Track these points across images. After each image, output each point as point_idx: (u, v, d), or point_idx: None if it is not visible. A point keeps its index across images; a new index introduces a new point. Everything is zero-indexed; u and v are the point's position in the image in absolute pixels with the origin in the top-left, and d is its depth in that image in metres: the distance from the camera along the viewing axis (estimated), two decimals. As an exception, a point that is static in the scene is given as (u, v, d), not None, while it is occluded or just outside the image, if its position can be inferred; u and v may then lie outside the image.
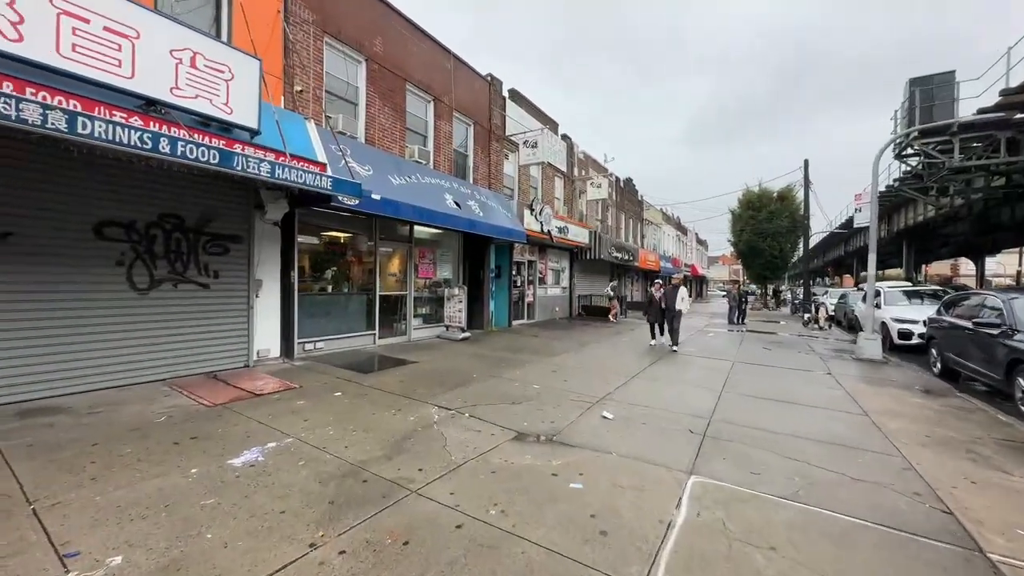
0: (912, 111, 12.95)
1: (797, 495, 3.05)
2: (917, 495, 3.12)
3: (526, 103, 14.36)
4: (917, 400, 5.83)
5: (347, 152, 7.26)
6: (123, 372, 5.26)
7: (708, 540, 2.48)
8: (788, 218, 25.26)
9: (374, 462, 3.39)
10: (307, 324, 7.55)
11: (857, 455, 3.83)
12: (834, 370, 7.72)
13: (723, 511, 2.80)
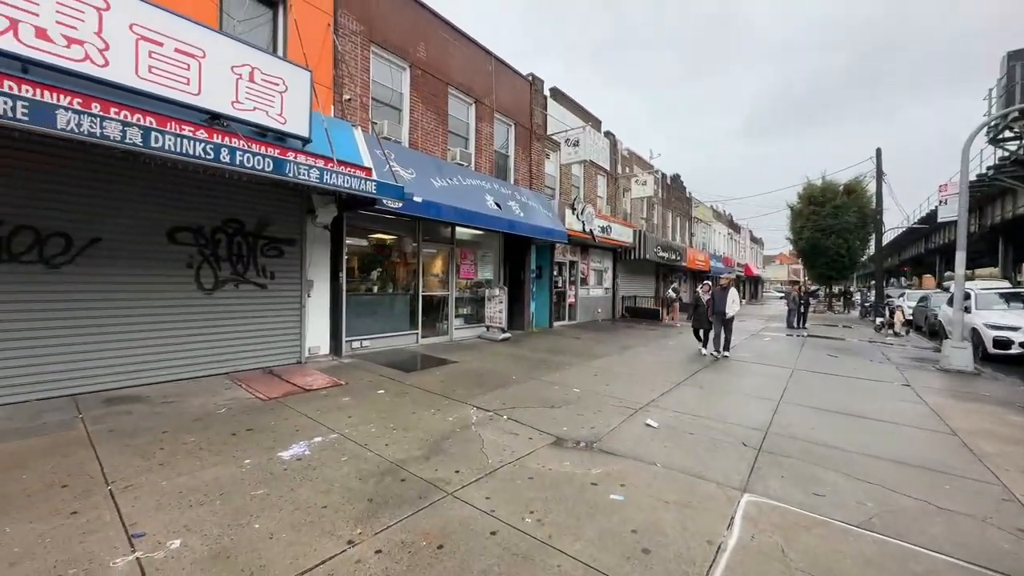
0: (1011, 88, 11.40)
1: (871, 523, 2.72)
2: (1022, 532, 2.68)
3: (568, 101, 14.16)
4: (1021, 419, 5.07)
5: (391, 156, 7.47)
6: (192, 365, 5.72)
7: (764, 568, 2.26)
8: (857, 213, 23.12)
9: (412, 461, 3.42)
10: (354, 323, 7.85)
11: (944, 480, 3.37)
12: (914, 382, 6.92)
13: (781, 536, 2.54)
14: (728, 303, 8.62)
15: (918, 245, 34.66)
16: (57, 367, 4.74)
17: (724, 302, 8.60)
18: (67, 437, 3.66)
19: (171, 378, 5.51)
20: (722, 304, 8.61)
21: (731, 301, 8.66)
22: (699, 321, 9.27)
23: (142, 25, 4.43)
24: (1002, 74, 12.07)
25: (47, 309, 4.71)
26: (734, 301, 8.69)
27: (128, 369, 5.22)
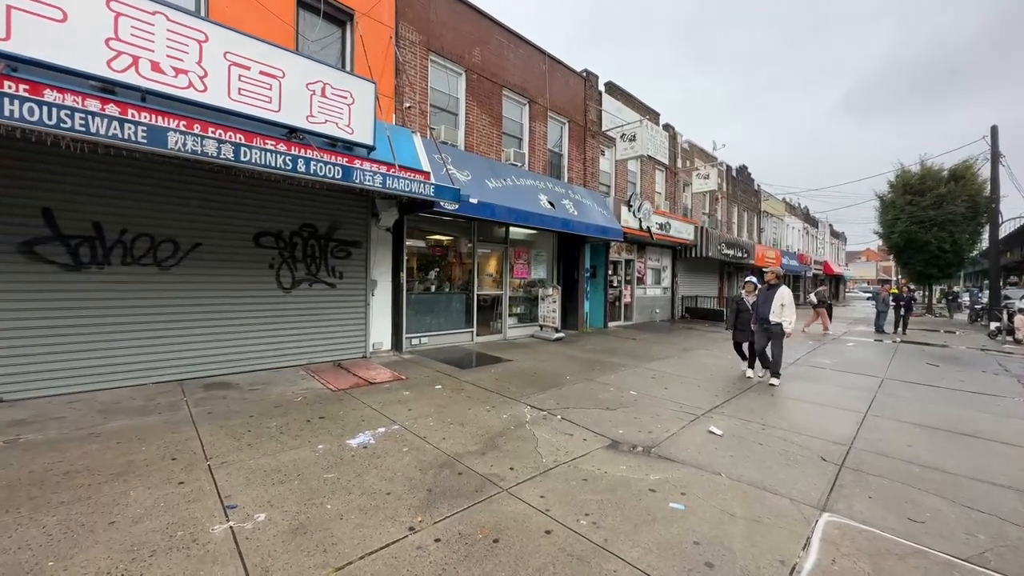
0: None
1: (984, 559, 2.37)
2: None
3: (623, 95, 13.75)
4: None
5: (448, 160, 7.72)
6: (273, 357, 6.31)
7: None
8: (966, 202, 20.11)
9: (468, 456, 3.52)
10: (413, 321, 8.22)
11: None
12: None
13: (869, 564, 2.29)
14: (776, 307, 6.35)
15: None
16: (167, 355, 5.46)
17: (769, 306, 6.39)
18: (176, 417, 4.20)
19: (256, 368, 6.12)
20: (766, 309, 6.40)
21: (780, 305, 6.34)
22: (741, 332, 7.05)
23: (234, 52, 4.96)
24: None
25: (160, 305, 5.43)
26: (785, 305, 6.32)
27: (222, 359, 5.87)
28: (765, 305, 6.46)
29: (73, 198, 4.86)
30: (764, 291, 6.59)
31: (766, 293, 6.52)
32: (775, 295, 6.38)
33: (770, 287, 6.54)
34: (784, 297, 6.33)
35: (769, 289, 6.52)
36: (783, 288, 6.42)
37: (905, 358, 8.94)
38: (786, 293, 6.36)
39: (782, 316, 6.29)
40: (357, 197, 6.93)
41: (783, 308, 6.30)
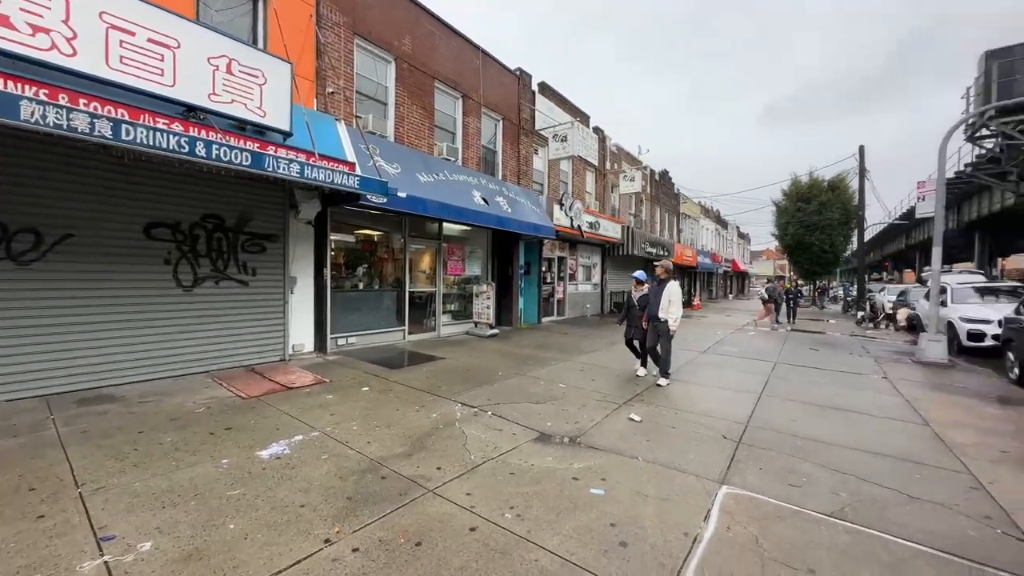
0: (988, 87, 11.66)
1: (844, 513, 2.78)
2: (988, 519, 2.76)
3: (556, 96, 14.11)
4: (991, 410, 5.23)
5: (376, 151, 7.37)
6: (171, 364, 5.59)
7: (739, 558, 2.30)
8: (840, 209, 23.53)
9: (394, 459, 3.40)
10: (339, 320, 7.77)
11: (916, 470, 3.46)
12: (891, 374, 7.09)
13: (757, 527, 2.59)
14: (664, 304, 5.98)
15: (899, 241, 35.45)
16: (27, 367, 4.60)
17: (659, 302, 6.03)
18: (38, 439, 3.56)
19: (149, 377, 5.39)
20: (656, 306, 6.05)
21: (668, 301, 5.98)
22: (631, 329, 6.76)
23: (112, 14, 4.27)
24: (980, 73, 12.34)
25: (16, 308, 4.56)
26: (672, 302, 5.97)
27: (102, 368, 5.08)
28: (655, 301, 6.11)
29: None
30: (655, 287, 6.22)
31: (656, 289, 6.16)
32: (664, 291, 6.03)
33: (660, 283, 6.15)
34: (672, 293, 6.00)
35: (659, 285, 6.14)
36: (672, 284, 6.10)
37: (794, 344, 10.25)
38: (674, 289, 6.06)
39: (668, 312, 5.96)
40: (272, 187, 6.37)
41: (670, 304, 5.97)
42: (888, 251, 40.57)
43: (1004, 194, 17.39)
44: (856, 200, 21.75)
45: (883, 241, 39.52)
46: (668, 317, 5.96)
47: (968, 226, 21.37)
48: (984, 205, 19.48)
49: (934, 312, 8.84)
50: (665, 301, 6.00)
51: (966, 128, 12.86)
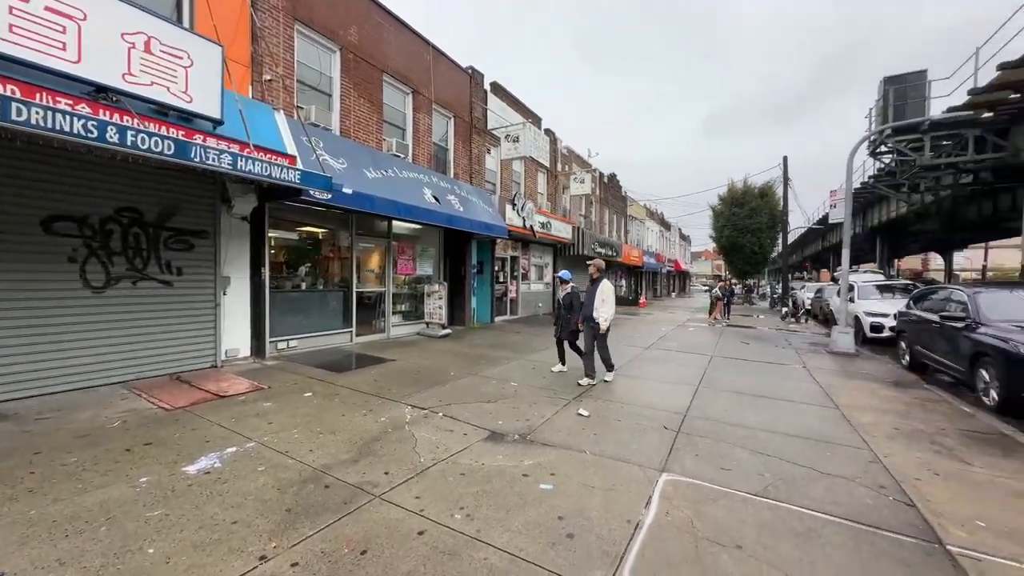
0: (886, 109, 13.22)
1: (767, 491, 3.05)
2: (882, 488, 3.14)
3: (508, 97, 14.20)
4: (887, 393, 5.96)
5: (320, 144, 7.03)
6: (77, 375, 4.98)
7: (676, 540, 2.44)
8: (768, 214, 25.69)
9: (339, 466, 3.26)
10: (280, 322, 7.32)
11: (827, 449, 3.86)
12: (809, 364, 7.86)
13: (692, 510, 2.77)
14: (597, 303, 5.84)
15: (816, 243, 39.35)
16: None
17: (592, 302, 5.90)
18: (-100, 467, 3.03)
19: (52, 390, 4.77)
20: (590, 305, 5.92)
21: (601, 300, 5.83)
22: (556, 327, 6.67)
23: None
24: (879, 95, 13.97)
25: None
26: (605, 301, 5.82)
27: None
28: (588, 301, 5.95)
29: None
30: (589, 286, 6.05)
31: (589, 288, 6.00)
32: (596, 290, 5.87)
33: (593, 282, 5.98)
34: (604, 292, 5.83)
35: (592, 284, 5.98)
36: (604, 283, 5.92)
37: (728, 338, 11.06)
38: (607, 288, 5.87)
39: (599, 312, 5.81)
40: (201, 179, 5.87)
41: (603, 304, 5.82)
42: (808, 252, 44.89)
43: (899, 203, 19.86)
44: (781, 206, 23.85)
45: (803, 243, 43.65)
46: (599, 317, 5.82)
47: (871, 231, 24.17)
48: (884, 212, 22.13)
49: (843, 307, 9.91)
50: (598, 300, 5.84)
51: (869, 144, 14.52)
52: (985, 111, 11.60)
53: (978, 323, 5.78)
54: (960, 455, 3.79)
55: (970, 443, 4.08)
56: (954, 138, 12.81)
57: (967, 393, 5.89)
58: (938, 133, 12.76)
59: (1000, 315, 5.73)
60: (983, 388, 5.47)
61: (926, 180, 15.30)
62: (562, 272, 6.81)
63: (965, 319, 6.03)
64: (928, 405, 5.36)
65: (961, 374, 6.00)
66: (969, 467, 3.55)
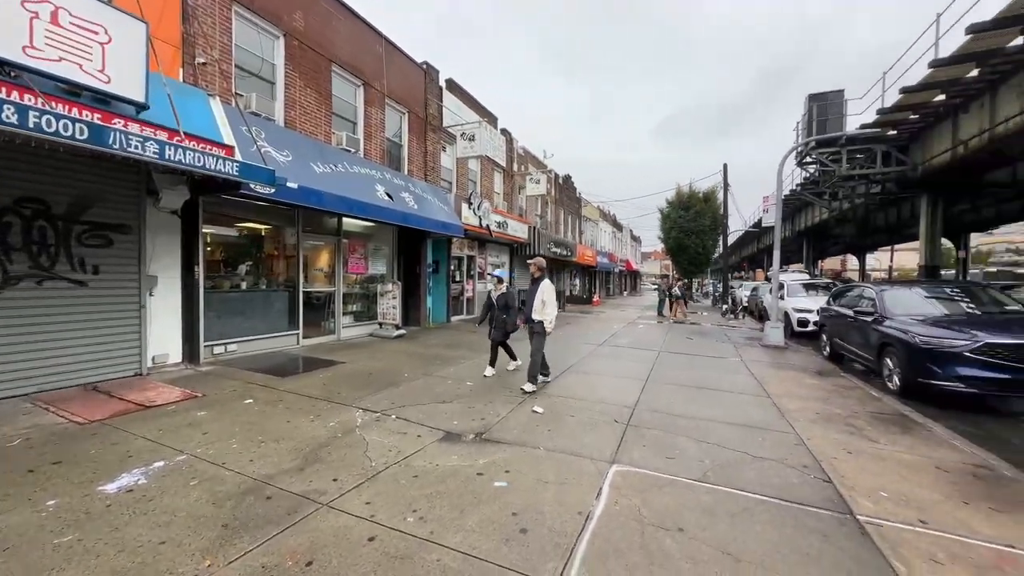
0: (811, 123, 14.53)
1: (707, 476, 3.25)
2: (806, 467, 3.46)
3: (464, 95, 14.09)
4: (811, 382, 6.55)
5: (262, 135, 6.61)
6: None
7: (623, 528, 2.55)
8: (710, 217, 27.39)
9: (283, 475, 3.09)
10: (217, 325, 6.81)
11: (759, 435, 4.18)
12: (745, 356, 8.47)
13: (640, 498, 2.90)
14: (537, 304, 5.50)
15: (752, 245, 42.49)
16: None
17: (533, 303, 5.56)
18: None
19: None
20: (530, 307, 5.58)
21: (541, 301, 5.49)
22: (496, 330, 6.36)
23: None
24: (805, 110, 15.35)
25: None
26: (546, 302, 5.49)
27: None
28: (530, 303, 5.61)
29: None
30: (530, 286, 5.76)
31: (530, 289, 5.70)
32: (537, 291, 5.54)
33: (534, 282, 5.67)
34: (546, 292, 5.51)
35: (533, 284, 5.66)
36: (545, 283, 5.58)
37: (674, 335, 11.67)
38: (548, 288, 5.55)
39: (543, 313, 5.49)
40: (121, 168, 5.33)
41: (544, 305, 5.49)
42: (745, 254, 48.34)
43: (821, 210, 21.87)
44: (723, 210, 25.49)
45: (741, 245, 46.97)
46: (543, 318, 5.49)
47: (799, 234, 26.46)
48: (809, 218, 24.29)
49: (775, 304, 10.78)
50: (539, 302, 5.49)
51: (796, 155, 15.90)
52: (890, 129, 13.07)
53: (884, 317, 6.51)
54: (868, 435, 4.25)
55: (877, 424, 4.59)
56: (866, 152, 14.33)
57: (875, 379, 6.62)
58: (853, 147, 14.22)
59: (902, 310, 6.49)
60: (888, 375, 6.18)
61: (844, 189, 16.98)
62: (497, 271, 6.73)
63: (874, 314, 6.77)
64: (844, 392, 5.96)
65: (871, 363, 6.73)
66: (875, 444, 3.99)
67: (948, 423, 4.75)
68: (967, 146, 11.05)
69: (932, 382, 5.36)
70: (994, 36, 8.39)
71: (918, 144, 13.11)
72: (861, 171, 14.43)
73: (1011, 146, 11.57)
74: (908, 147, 13.55)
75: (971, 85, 10.26)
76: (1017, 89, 9.51)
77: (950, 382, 5.23)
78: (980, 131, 10.51)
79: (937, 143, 12.26)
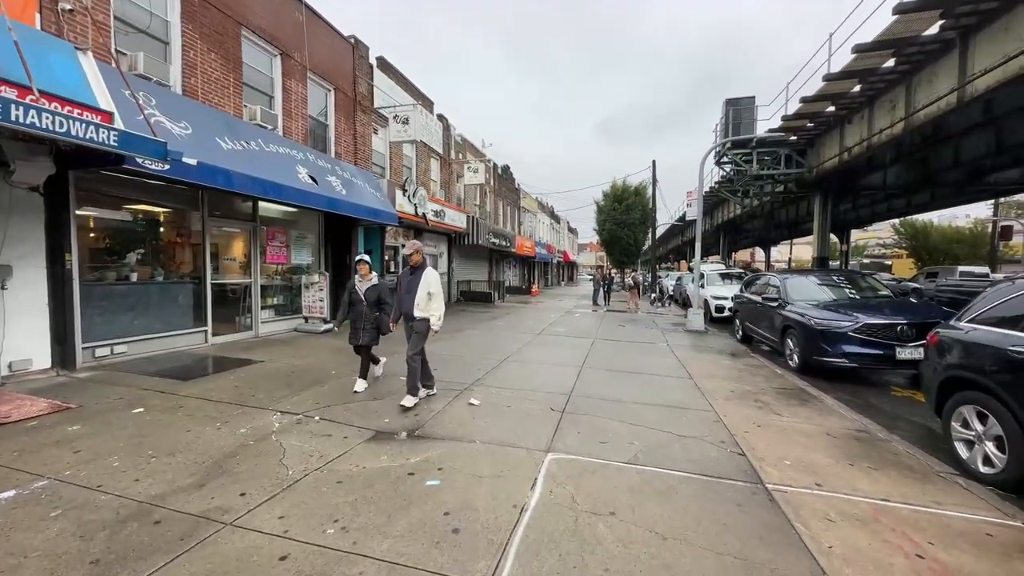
0: (727, 126, 15.76)
1: (636, 458, 3.37)
2: (723, 443, 3.72)
3: (397, 75, 13.36)
4: (726, 362, 7.14)
5: (152, 102, 5.70)
6: None
7: (557, 518, 2.53)
8: (641, 211, 28.93)
9: (177, 494, 2.68)
10: (100, 323, 5.84)
11: (683, 414, 4.44)
12: (670, 341, 9.04)
13: (573, 485, 2.91)
14: (421, 297, 4.45)
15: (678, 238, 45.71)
16: None
17: (413, 296, 4.47)
18: None
19: None
20: (410, 300, 4.48)
21: (427, 294, 4.47)
22: (355, 332, 5.02)
23: None
24: (723, 114, 16.65)
25: None
26: (433, 295, 4.49)
27: None
28: (409, 296, 4.44)
29: None
30: (407, 276, 4.56)
31: (410, 279, 4.51)
32: (420, 281, 4.42)
33: (414, 271, 4.51)
34: (432, 284, 4.44)
35: (413, 273, 4.50)
36: (430, 271, 4.50)
37: (608, 323, 12.18)
38: (434, 278, 4.48)
39: (428, 309, 4.41)
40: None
41: (430, 298, 4.42)
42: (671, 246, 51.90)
43: (735, 206, 24.00)
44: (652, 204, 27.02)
45: (668, 238, 50.37)
46: (428, 315, 4.41)
47: (717, 228, 28.86)
48: (725, 213, 26.56)
49: (697, 293, 11.64)
50: (423, 295, 4.39)
51: (715, 155, 17.23)
52: (791, 135, 14.59)
53: (786, 302, 7.25)
54: (773, 409, 4.70)
55: (780, 398, 5.09)
56: (772, 155, 15.87)
57: (779, 359, 7.38)
58: (762, 150, 15.68)
59: (801, 296, 7.27)
60: (788, 354, 6.91)
61: (754, 187, 18.72)
62: (364, 255, 5.14)
63: (778, 299, 7.52)
64: (753, 371, 6.56)
65: (775, 344, 7.49)
66: (779, 417, 4.42)
67: (835, 395, 5.41)
68: (851, 152, 12.65)
69: (824, 359, 6.07)
70: (873, 57, 9.61)
71: (814, 149, 14.79)
72: (768, 171, 15.99)
73: (883, 154, 13.43)
74: (806, 151, 15.23)
75: (855, 99, 11.71)
76: (888, 104, 11.02)
77: (837, 358, 5.96)
78: (860, 139, 12.07)
79: (828, 149, 13.91)
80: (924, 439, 4.05)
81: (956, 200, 19.42)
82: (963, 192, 17.74)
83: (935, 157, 14.29)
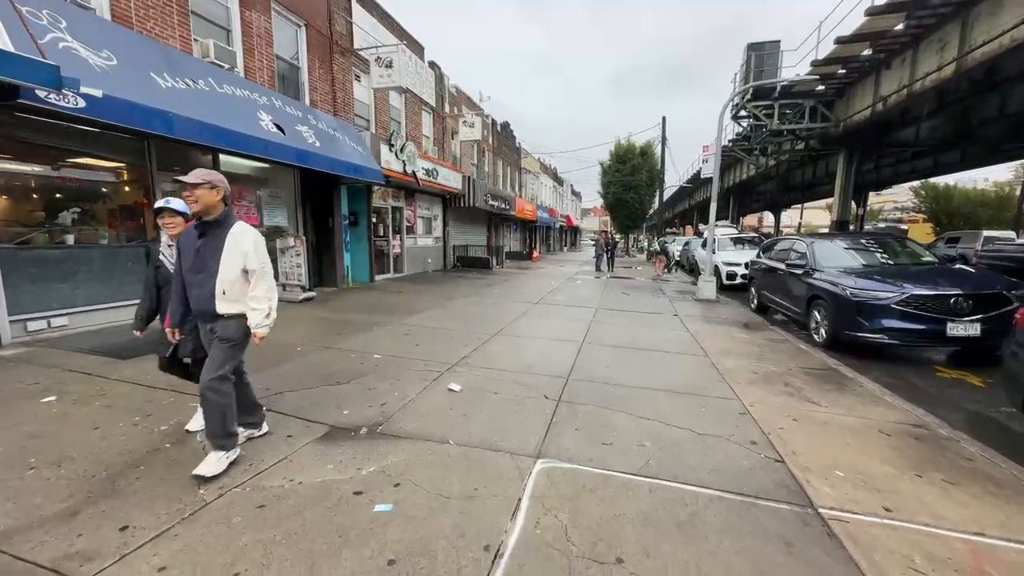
0: (748, 73, 14.28)
1: (648, 467, 2.68)
2: (754, 444, 3.02)
3: (380, 13, 11.89)
4: (743, 336, 6.41)
5: (61, 24, 4.67)
6: None
7: (545, 567, 1.85)
8: (647, 172, 27.45)
9: (33, 529, 2.00)
10: (30, 291, 5.10)
11: (701, 403, 3.74)
12: (680, 311, 8.29)
13: (567, 513, 2.22)
14: (227, 279, 2.42)
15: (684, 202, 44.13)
16: None
17: (210, 277, 2.43)
18: None
19: None
20: (205, 284, 2.44)
21: (241, 271, 2.45)
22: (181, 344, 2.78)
23: None
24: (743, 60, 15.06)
25: None
26: (254, 271, 2.47)
27: None
28: (200, 275, 2.46)
29: None
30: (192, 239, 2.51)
31: (199, 244, 2.48)
32: (223, 246, 2.44)
33: (206, 227, 2.48)
34: (248, 251, 2.46)
35: (206, 234, 2.48)
36: (241, 229, 2.50)
37: (611, 290, 11.40)
38: (250, 240, 2.48)
39: (238, 299, 2.48)
40: None
41: (244, 278, 2.49)
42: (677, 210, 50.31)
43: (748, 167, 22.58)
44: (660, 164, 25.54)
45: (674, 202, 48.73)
46: (239, 310, 2.49)
47: (727, 191, 27.49)
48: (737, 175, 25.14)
49: (709, 259, 10.77)
50: (228, 274, 2.44)
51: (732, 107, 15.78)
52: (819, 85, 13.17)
53: (814, 269, 6.42)
54: (807, 395, 3.99)
55: (812, 381, 4.37)
56: (795, 108, 14.48)
57: (799, 331, 6.64)
58: (785, 101, 14.28)
59: (831, 263, 6.42)
60: (815, 327, 6.15)
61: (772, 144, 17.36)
62: (173, 201, 2.77)
63: (804, 266, 6.68)
64: (775, 346, 5.83)
65: (798, 315, 6.72)
66: (817, 407, 3.71)
67: (872, 375, 4.70)
68: (886, 102, 11.35)
69: (858, 334, 5.32)
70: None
71: (842, 100, 13.40)
72: (790, 126, 14.66)
73: (921, 104, 12.09)
74: (833, 103, 13.84)
75: (897, 38, 10.32)
76: (937, 44, 9.66)
77: (875, 334, 5.20)
78: (900, 87, 10.77)
79: (859, 99, 12.55)
80: (998, 438, 3.34)
81: (989, 159, 18.04)
82: (998, 150, 16.40)
83: (978, 108, 12.94)
